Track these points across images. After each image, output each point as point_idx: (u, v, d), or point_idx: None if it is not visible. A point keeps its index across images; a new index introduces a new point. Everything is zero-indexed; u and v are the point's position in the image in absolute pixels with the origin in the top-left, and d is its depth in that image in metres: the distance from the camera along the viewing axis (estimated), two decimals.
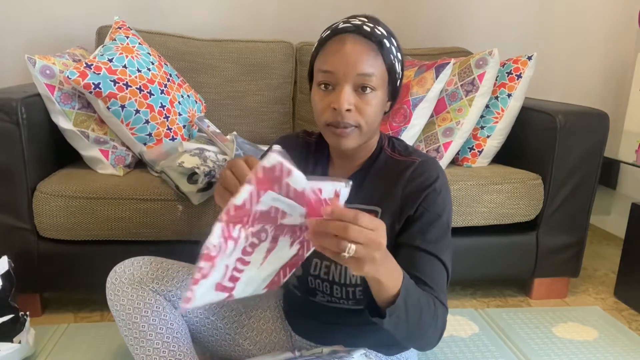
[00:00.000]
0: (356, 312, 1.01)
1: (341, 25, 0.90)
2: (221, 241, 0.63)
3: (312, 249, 0.76)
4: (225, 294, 0.72)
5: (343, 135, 0.90)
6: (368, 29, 0.89)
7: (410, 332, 0.84)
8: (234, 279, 0.71)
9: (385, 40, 0.89)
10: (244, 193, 0.61)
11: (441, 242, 0.92)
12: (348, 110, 0.88)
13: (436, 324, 0.86)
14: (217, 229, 0.62)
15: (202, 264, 0.62)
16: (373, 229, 0.67)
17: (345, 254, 0.65)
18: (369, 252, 0.66)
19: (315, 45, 0.94)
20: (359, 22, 0.90)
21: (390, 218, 0.93)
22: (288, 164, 0.62)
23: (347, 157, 1.00)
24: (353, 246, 0.65)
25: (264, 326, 1.13)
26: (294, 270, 0.80)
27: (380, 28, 0.91)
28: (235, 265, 0.69)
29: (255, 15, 2.21)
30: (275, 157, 0.61)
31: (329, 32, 0.92)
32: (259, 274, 0.75)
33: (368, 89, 0.88)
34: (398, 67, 0.93)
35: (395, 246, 0.93)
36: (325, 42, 0.90)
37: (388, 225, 0.92)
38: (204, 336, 1.10)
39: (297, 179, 0.63)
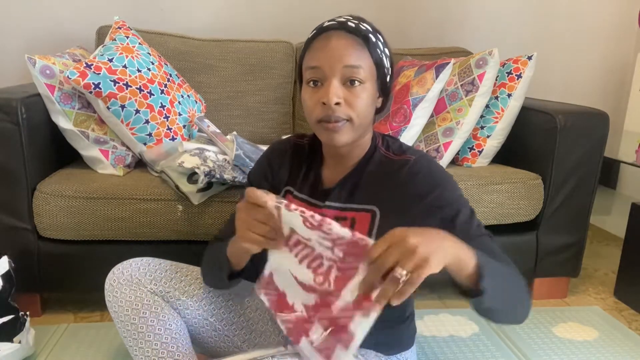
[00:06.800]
0: None
1: (326, 24, 0.92)
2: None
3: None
4: None
5: (335, 130, 0.89)
6: (353, 25, 0.90)
7: (506, 299, 0.83)
8: None
9: (370, 35, 0.91)
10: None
11: (472, 220, 0.91)
12: (337, 104, 0.87)
13: (524, 285, 0.87)
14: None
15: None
16: (413, 246, 0.66)
17: (400, 281, 0.65)
18: (418, 272, 0.66)
19: (303, 47, 0.95)
20: (344, 20, 0.92)
21: (394, 219, 0.91)
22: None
23: (341, 157, 0.98)
24: (401, 271, 0.65)
25: (262, 328, 1.12)
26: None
27: (365, 24, 0.92)
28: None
29: (255, 15, 2.21)
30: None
31: (314, 31, 0.93)
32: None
33: (356, 82, 0.88)
34: (386, 62, 0.94)
35: None
36: (312, 41, 0.92)
37: (392, 226, 0.92)
38: (202, 337, 1.10)
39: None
